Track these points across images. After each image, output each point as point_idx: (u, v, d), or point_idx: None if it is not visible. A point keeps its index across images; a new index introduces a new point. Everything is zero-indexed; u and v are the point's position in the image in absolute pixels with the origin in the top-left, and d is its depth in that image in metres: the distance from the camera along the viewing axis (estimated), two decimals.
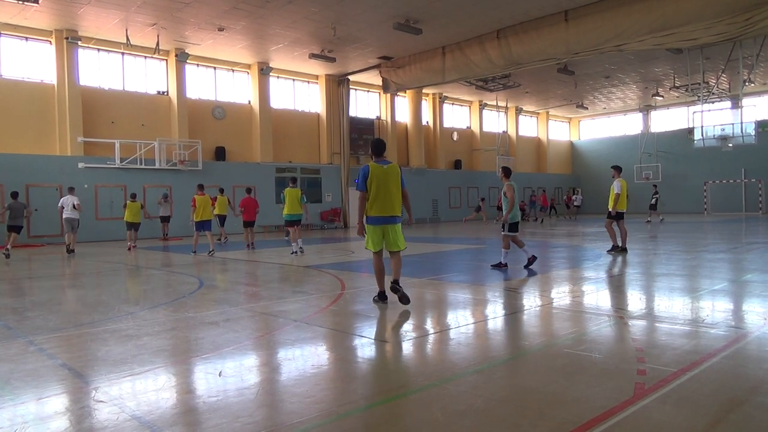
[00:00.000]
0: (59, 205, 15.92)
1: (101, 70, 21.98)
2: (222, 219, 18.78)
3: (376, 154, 6.62)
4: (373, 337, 5.19)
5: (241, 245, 16.47)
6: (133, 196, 17.47)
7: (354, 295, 7.34)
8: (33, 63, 20.35)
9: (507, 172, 10.02)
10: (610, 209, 12.14)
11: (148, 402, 3.45)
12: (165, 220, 20.77)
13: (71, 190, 16.48)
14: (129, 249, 16.18)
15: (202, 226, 14.31)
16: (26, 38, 20.07)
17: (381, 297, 6.66)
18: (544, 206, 32.68)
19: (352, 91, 28.78)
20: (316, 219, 26.91)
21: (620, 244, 11.91)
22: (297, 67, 26.16)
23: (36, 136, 20.23)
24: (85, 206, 20.05)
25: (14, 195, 15.24)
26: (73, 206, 15.66)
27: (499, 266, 9.64)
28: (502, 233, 9.90)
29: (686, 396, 3.31)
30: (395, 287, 6.38)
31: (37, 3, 17.00)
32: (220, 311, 6.36)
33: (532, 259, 9.66)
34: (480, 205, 29.98)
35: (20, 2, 16.82)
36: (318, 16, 19.19)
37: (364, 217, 6.52)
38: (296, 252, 13.26)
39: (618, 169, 12.56)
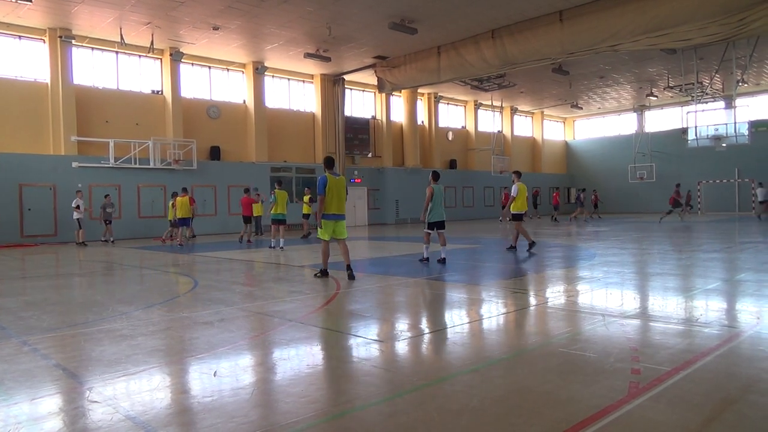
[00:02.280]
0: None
1: (95, 69, 21.86)
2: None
3: (328, 168, 8.59)
4: (368, 336, 5.19)
5: (232, 245, 16.58)
6: (184, 190, 18.44)
7: (349, 295, 7.34)
8: (26, 62, 20.21)
9: (434, 175, 10.85)
10: (512, 211, 12.99)
11: (142, 402, 3.44)
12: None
13: (77, 193, 18.39)
14: (180, 244, 17.60)
15: (183, 222, 17.35)
16: (19, 37, 19.94)
17: (323, 273, 8.69)
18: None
19: (347, 91, 28.76)
20: (311, 218, 26.82)
21: (513, 243, 12.93)
22: (292, 66, 26.11)
23: (29, 135, 20.11)
24: None
25: (106, 197, 19.33)
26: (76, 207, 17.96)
27: (423, 261, 10.68)
28: (425, 230, 10.94)
29: (680, 395, 3.33)
30: (349, 268, 8.50)
31: (31, 1, 16.89)
32: (215, 311, 6.35)
33: (426, 260, 10.65)
34: (581, 200, 29.26)
35: (13, 1, 16.72)
36: (313, 16, 19.16)
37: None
38: (281, 247, 14.57)
39: (518, 174, 13.39)
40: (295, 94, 27.90)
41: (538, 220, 29.85)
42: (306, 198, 19.80)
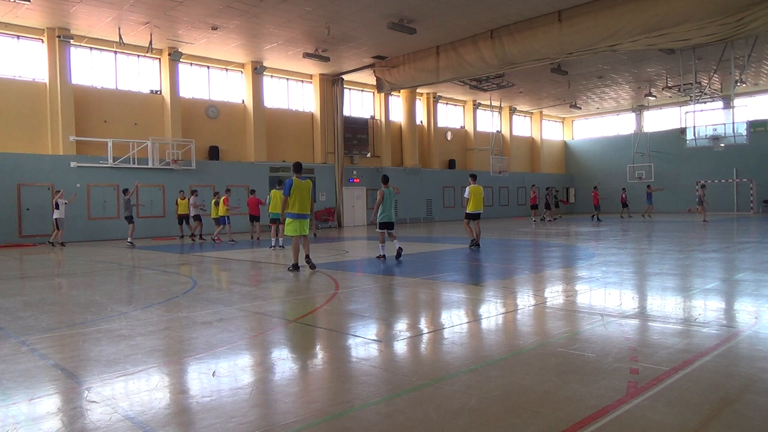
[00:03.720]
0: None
1: (94, 69, 21.83)
2: (185, 217, 20.34)
3: (297, 172, 9.62)
4: (367, 336, 5.19)
5: (231, 244, 16.68)
6: (227, 191, 19.16)
7: (348, 295, 7.34)
8: (25, 61, 20.18)
9: (384, 179, 11.46)
10: (467, 211, 13.87)
11: (141, 402, 3.43)
12: (198, 219, 19.61)
13: (56, 192, 18.72)
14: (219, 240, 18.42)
15: (219, 221, 18.51)
16: (18, 36, 19.91)
17: (295, 267, 9.69)
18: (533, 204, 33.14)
19: (346, 91, 28.77)
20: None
21: (475, 240, 13.62)
22: (291, 66, 26.11)
23: (28, 135, 20.08)
24: (78, 205, 20.21)
25: (125, 191, 18.31)
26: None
27: (379, 257, 11.24)
28: (377, 230, 11.55)
29: (679, 394, 3.33)
30: (308, 258, 9.73)
31: (29, 1, 16.87)
32: (214, 311, 6.34)
33: (383, 257, 11.20)
34: (701, 197, 25.95)
35: (12, 0, 16.69)
36: (312, 15, 19.15)
37: (286, 213, 9.60)
38: (274, 246, 15.04)
39: (473, 177, 14.08)
40: (294, 93, 27.89)
41: (551, 221, 29.79)
42: None
